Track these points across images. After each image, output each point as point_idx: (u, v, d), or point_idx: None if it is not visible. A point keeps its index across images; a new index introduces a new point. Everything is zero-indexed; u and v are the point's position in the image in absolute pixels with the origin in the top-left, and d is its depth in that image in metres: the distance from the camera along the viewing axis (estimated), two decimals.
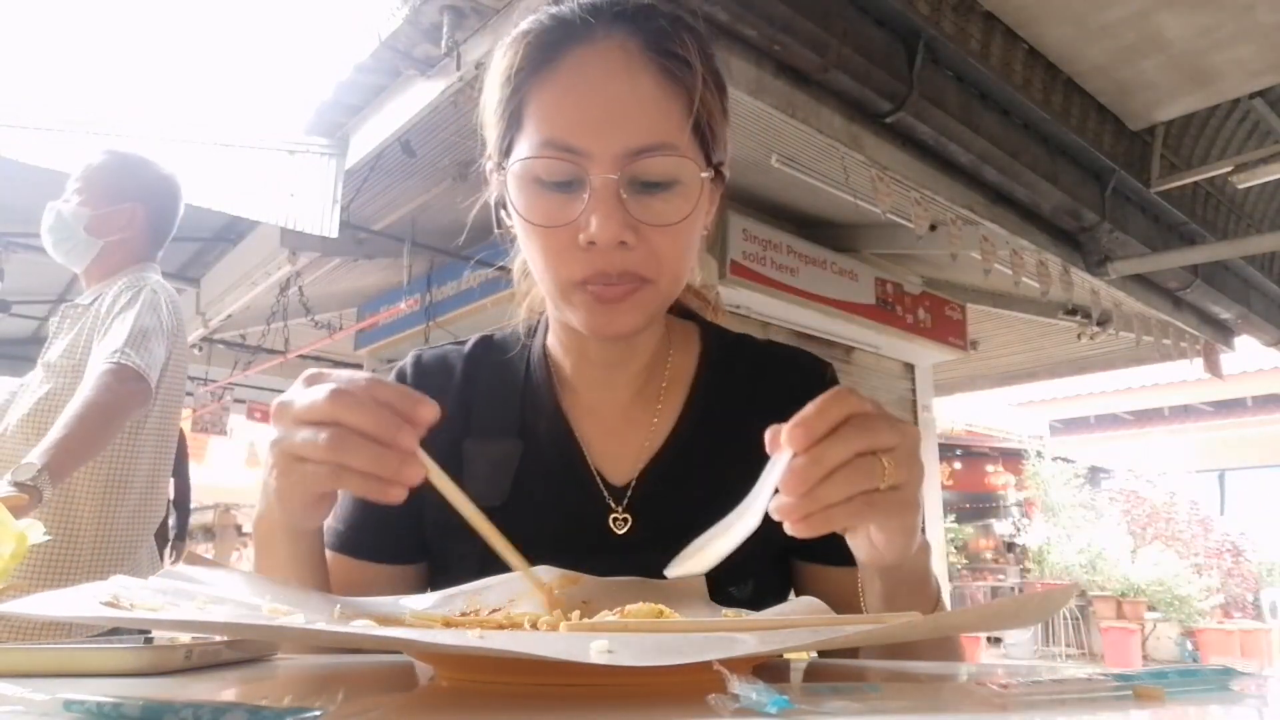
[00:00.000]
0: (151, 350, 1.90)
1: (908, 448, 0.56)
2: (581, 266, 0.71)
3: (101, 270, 2.11)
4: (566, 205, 0.71)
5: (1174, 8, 3.10)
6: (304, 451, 0.57)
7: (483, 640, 0.38)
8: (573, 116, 0.71)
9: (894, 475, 0.55)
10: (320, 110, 3.57)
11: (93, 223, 2.08)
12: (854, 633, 0.45)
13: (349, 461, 0.56)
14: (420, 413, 0.58)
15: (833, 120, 3.14)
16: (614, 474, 0.82)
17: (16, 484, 1.59)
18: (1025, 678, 0.42)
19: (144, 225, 2.15)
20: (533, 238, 0.73)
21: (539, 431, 0.83)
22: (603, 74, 0.71)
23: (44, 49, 10.52)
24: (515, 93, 0.74)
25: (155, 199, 2.18)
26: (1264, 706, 0.41)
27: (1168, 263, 4.71)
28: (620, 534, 0.79)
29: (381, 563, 0.82)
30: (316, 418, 0.56)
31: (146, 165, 2.22)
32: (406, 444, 0.57)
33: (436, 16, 2.75)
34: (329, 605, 0.59)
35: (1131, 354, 6.51)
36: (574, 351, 0.85)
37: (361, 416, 0.56)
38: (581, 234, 0.69)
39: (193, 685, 0.48)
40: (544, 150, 0.70)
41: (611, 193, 0.69)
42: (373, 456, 0.56)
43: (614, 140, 0.69)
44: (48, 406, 1.93)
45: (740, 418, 0.81)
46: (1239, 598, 9.60)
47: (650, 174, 0.71)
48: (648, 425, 0.84)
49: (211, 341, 6.08)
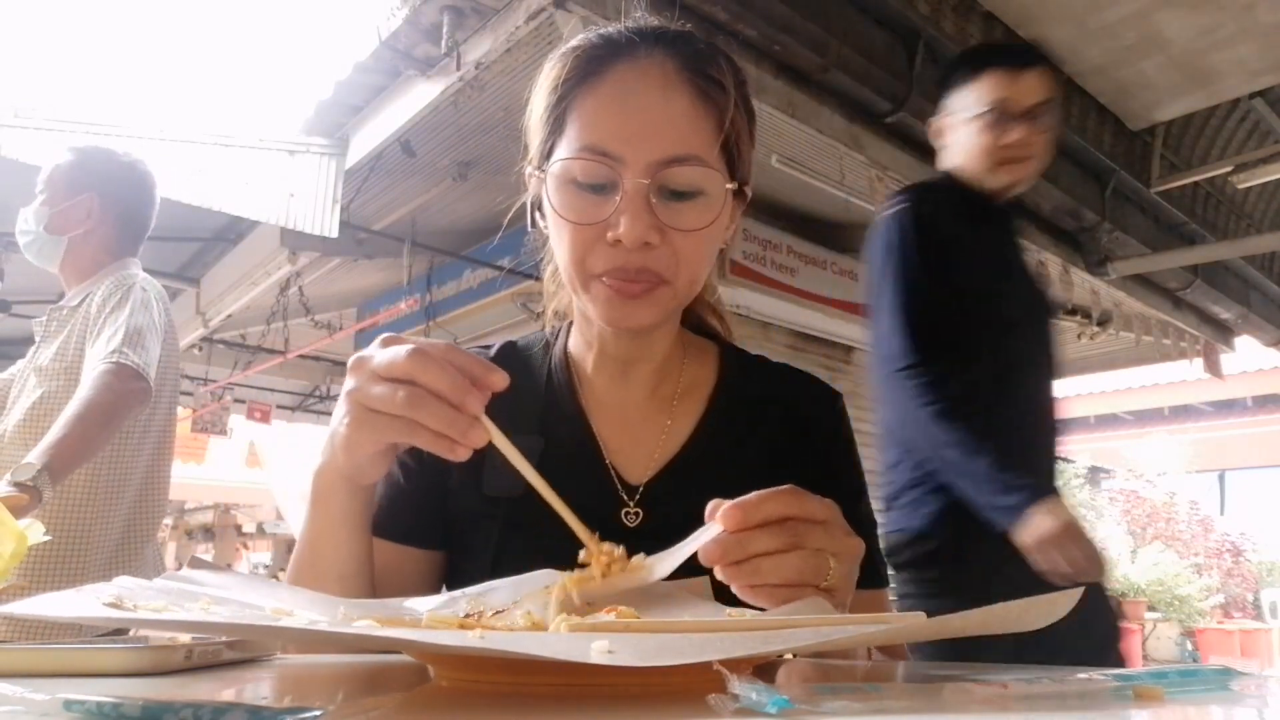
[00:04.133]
0: (148, 348, 1.89)
1: (843, 561, 0.60)
2: (605, 261, 0.77)
3: (76, 268, 2.08)
4: (599, 205, 0.76)
5: (1174, 8, 3.10)
6: (381, 404, 0.61)
7: (483, 640, 0.38)
8: (611, 125, 0.77)
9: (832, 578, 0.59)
10: (320, 110, 3.57)
11: (52, 220, 2.05)
12: (855, 633, 0.45)
13: (423, 419, 0.60)
14: (491, 379, 0.62)
15: (833, 120, 3.14)
16: (629, 472, 0.86)
17: (16, 484, 1.59)
18: (1025, 678, 0.42)
19: (105, 216, 2.09)
20: (564, 233, 0.78)
21: (560, 429, 0.87)
22: (642, 88, 0.78)
23: (44, 49, 10.53)
24: (560, 101, 0.80)
25: (111, 186, 2.12)
26: (1264, 706, 0.41)
27: (1168, 263, 4.71)
28: (631, 526, 0.83)
29: (407, 544, 0.85)
30: (396, 374, 0.61)
31: (103, 155, 2.17)
32: (474, 408, 0.61)
33: (436, 16, 2.75)
34: (332, 607, 0.59)
35: (1131, 354, 6.51)
36: (594, 346, 0.90)
37: (438, 377, 0.60)
38: (610, 232, 0.75)
39: (193, 685, 0.48)
40: (583, 153, 0.76)
41: (641, 197, 0.75)
42: (445, 416, 0.60)
43: (647, 149, 0.75)
44: (43, 411, 1.92)
45: (752, 431, 0.90)
46: (1239, 598, 9.60)
47: (678, 182, 0.76)
48: (661, 427, 0.89)
49: (211, 341, 6.08)
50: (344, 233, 3.81)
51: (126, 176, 2.17)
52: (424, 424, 0.61)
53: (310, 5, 4.46)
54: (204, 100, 7.96)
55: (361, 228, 4.52)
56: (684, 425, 0.89)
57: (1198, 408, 13.33)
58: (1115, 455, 12.28)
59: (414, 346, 0.61)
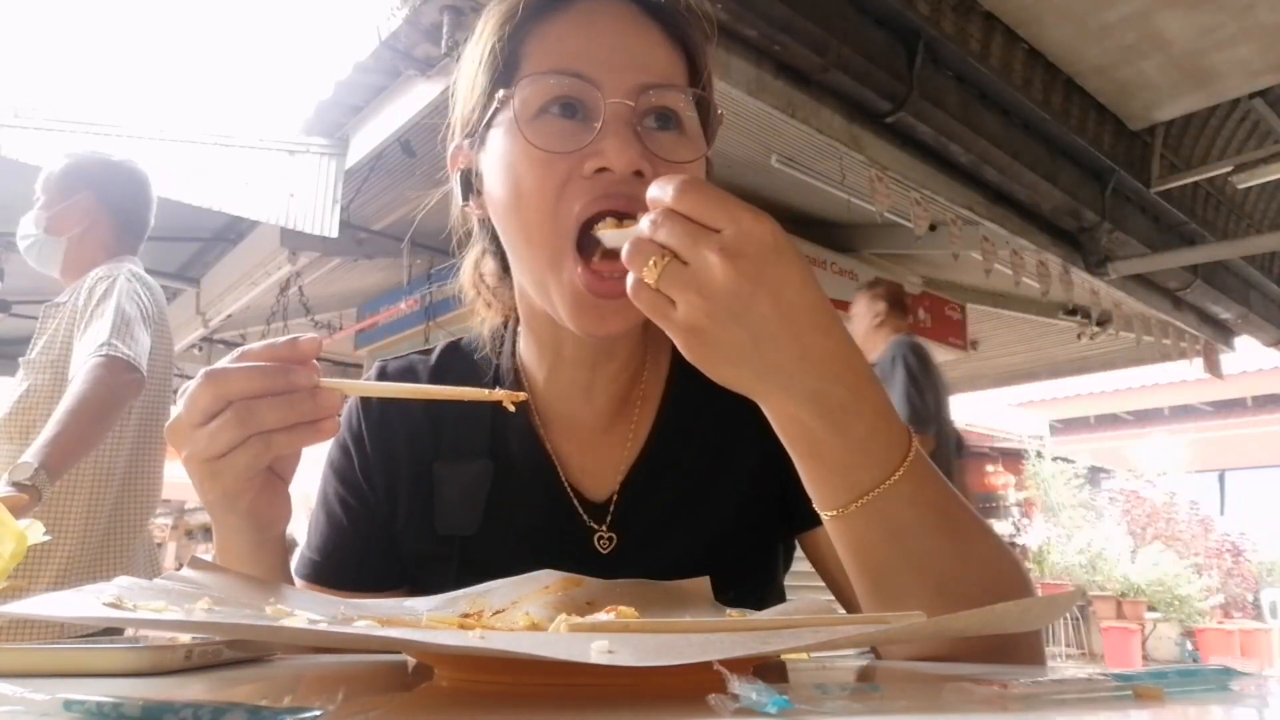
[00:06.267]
0: (137, 338, 1.89)
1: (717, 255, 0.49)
2: (586, 194, 0.63)
3: (76, 269, 2.10)
4: (573, 134, 0.64)
5: (1174, 8, 3.09)
6: (217, 445, 0.55)
7: (483, 640, 0.38)
8: (581, 50, 0.65)
9: (681, 293, 0.50)
10: (320, 110, 3.56)
11: (50, 222, 2.08)
12: (855, 633, 0.45)
13: (264, 424, 0.54)
14: (302, 349, 0.56)
15: (833, 120, 3.14)
16: (593, 489, 0.78)
17: (16, 484, 1.59)
18: (1025, 678, 0.42)
19: (102, 214, 2.11)
20: (530, 178, 0.64)
21: (511, 450, 0.78)
22: (610, 21, 0.67)
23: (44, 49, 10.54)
24: (510, 40, 0.68)
25: (107, 186, 2.15)
26: (1264, 706, 0.41)
27: (1168, 263, 4.71)
28: (605, 553, 0.75)
29: (361, 592, 0.78)
30: (205, 407, 0.54)
31: (97, 158, 2.21)
32: (305, 380, 0.55)
33: (436, 16, 2.75)
34: (332, 607, 0.59)
35: (1131, 354, 6.51)
36: (550, 353, 0.78)
37: (248, 381, 0.54)
38: (591, 161, 0.63)
39: (193, 685, 0.48)
40: (551, 78, 0.64)
41: (626, 119, 0.63)
42: (283, 406, 0.54)
43: (626, 74, 0.65)
44: (28, 405, 1.92)
45: (711, 425, 0.79)
46: (1239, 598, 9.59)
47: (664, 105, 0.66)
48: (624, 436, 0.79)
49: (211, 341, 6.07)
50: (344, 233, 3.80)
51: (121, 176, 2.20)
52: (268, 429, 0.54)
53: (310, 5, 4.46)
54: (204, 100, 7.97)
55: (361, 228, 4.52)
56: (644, 431, 0.79)
57: (1198, 408, 13.33)
58: (1115, 455, 12.28)
59: (203, 372, 0.55)
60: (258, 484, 0.59)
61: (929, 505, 0.56)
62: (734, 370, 0.52)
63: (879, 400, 0.55)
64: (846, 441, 0.54)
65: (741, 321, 0.50)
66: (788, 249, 0.51)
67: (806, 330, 0.51)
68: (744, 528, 0.79)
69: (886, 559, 0.57)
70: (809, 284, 0.52)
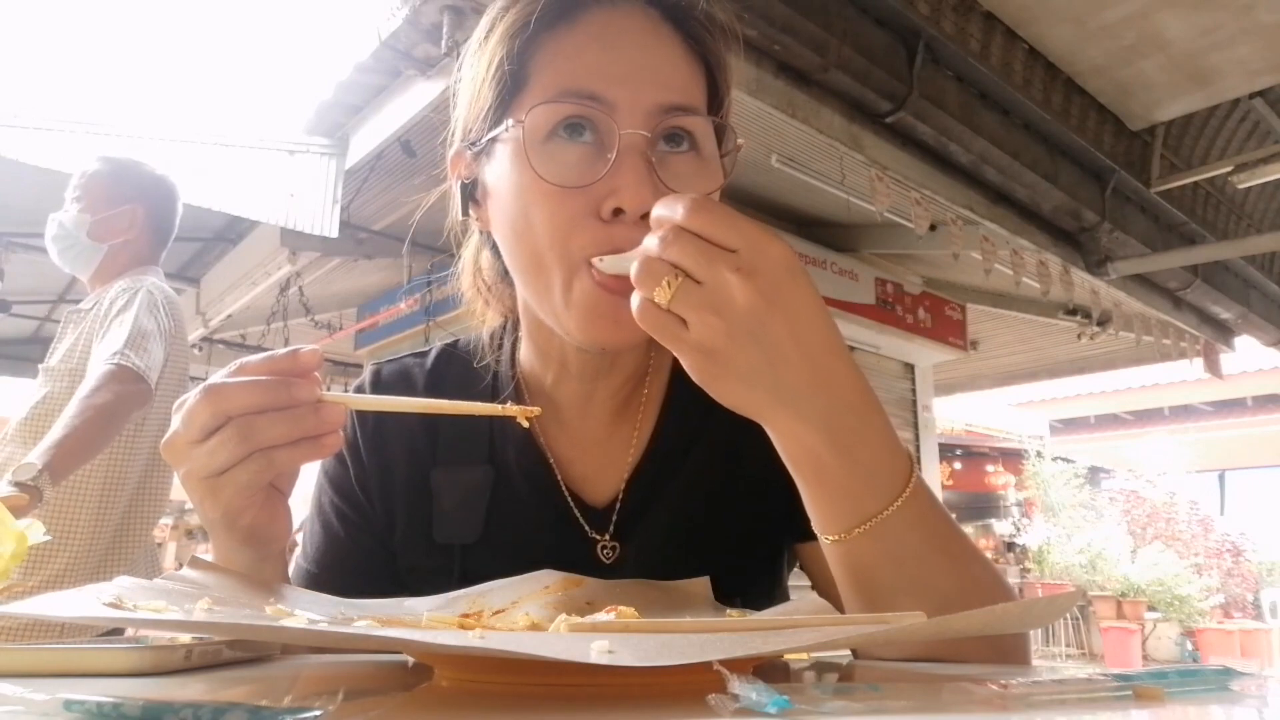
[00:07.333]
0: (150, 351, 1.91)
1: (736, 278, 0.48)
2: (597, 241, 0.60)
3: (107, 274, 2.14)
4: (587, 163, 0.61)
5: (1174, 8, 3.09)
6: (217, 462, 0.53)
7: (483, 640, 0.38)
8: (595, 67, 0.61)
9: (696, 317, 0.48)
10: (320, 110, 3.57)
11: (95, 228, 2.11)
12: (856, 633, 0.45)
13: (265, 440, 0.53)
14: (303, 361, 0.54)
15: (833, 120, 3.14)
16: (594, 497, 0.76)
17: (17, 484, 1.59)
18: (1025, 678, 0.42)
19: (145, 226, 2.17)
20: (537, 210, 0.61)
21: (509, 456, 0.76)
22: (627, 34, 0.63)
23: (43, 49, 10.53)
24: (520, 52, 0.64)
25: (153, 199, 2.21)
26: (1264, 706, 0.41)
27: (1168, 263, 4.71)
28: (609, 563, 0.73)
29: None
30: (205, 424, 0.53)
31: (141, 167, 2.26)
32: (307, 394, 0.53)
33: (436, 16, 2.75)
34: (332, 606, 0.59)
35: (1131, 354, 6.51)
36: (554, 364, 0.75)
37: (248, 396, 0.52)
38: (607, 201, 0.59)
39: (193, 685, 0.48)
40: (563, 99, 0.61)
41: (641, 151, 0.60)
42: (285, 422, 0.53)
43: (644, 93, 0.61)
44: (45, 410, 1.93)
45: (713, 432, 0.77)
46: (1239, 598, 9.59)
47: (681, 126, 0.63)
48: (626, 441, 0.78)
49: (211, 341, 6.07)
50: (344, 233, 3.81)
51: (163, 188, 2.26)
52: (270, 445, 0.53)
53: (310, 6, 4.45)
54: (204, 100, 7.95)
55: (361, 228, 4.52)
56: (646, 436, 0.78)
57: (1198, 408, 13.33)
58: (1115, 455, 12.29)
59: (201, 387, 0.53)
60: (259, 501, 0.58)
61: (929, 530, 0.57)
62: (747, 392, 0.51)
63: (884, 425, 0.55)
64: (853, 468, 0.53)
65: (759, 342, 0.49)
66: (800, 269, 0.50)
67: (819, 353, 0.51)
68: (748, 535, 0.78)
69: (885, 582, 0.57)
70: (821, 306, 0.51)
